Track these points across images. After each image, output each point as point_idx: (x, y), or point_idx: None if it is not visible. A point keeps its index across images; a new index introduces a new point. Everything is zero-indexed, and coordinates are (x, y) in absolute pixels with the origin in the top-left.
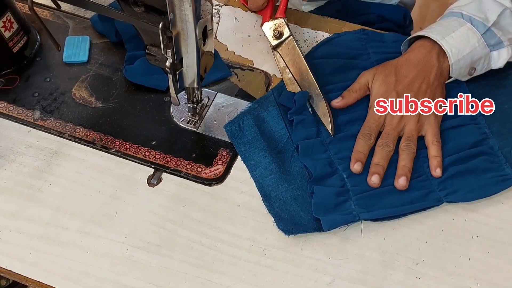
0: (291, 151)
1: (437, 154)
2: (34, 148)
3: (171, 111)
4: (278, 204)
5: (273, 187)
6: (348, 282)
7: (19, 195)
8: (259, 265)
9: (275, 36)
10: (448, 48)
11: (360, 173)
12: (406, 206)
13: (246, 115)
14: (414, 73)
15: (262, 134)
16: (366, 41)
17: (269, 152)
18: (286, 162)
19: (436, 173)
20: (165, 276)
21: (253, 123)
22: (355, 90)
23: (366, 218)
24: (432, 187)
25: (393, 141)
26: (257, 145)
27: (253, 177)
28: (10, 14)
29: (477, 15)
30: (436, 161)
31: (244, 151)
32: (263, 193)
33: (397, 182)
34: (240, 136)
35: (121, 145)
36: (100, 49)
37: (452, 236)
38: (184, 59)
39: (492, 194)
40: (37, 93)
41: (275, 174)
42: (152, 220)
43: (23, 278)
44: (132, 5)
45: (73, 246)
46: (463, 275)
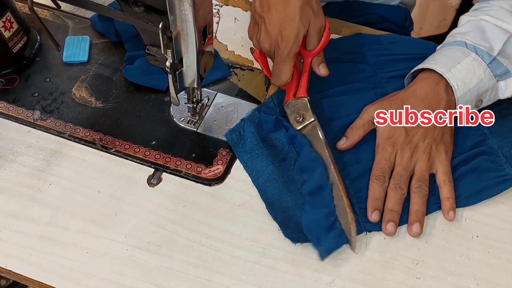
0: (293, 158)
1: (450, 195)
2: (34, 148)
3: (171, 111)
4: (282, 213)
5: (277, 196)
6: (348, 282)
7: (19, 195)
8: (259, 265)
9: (296, 120)
10: (454, 82)
11: (377, 221)
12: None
13: (246, 123)
14: (423, 107)
15: (263, 142)
16: (362, 44)
17: (272, 160)
18: (289, 170)
19: (449, 217)
20: (165, 276)
21: (254, 131)
22: (359, 127)
23: (371, 230)
24: (434, 192)
25: (406, 183)
26: (259, 153)
27: (256, 185)
28: (10, 14)
29: (481, 44)
30: (449, 204)
31: (246, 160)
32: (267, 202)
33: (411, 229)
34: (241, 145)
35: (121, 145)
36: (100, 49)
37: (452, 236)
38: (184, 59)
39: (493, 195)
40: (37, 93)
41: (278, 183)
42: (152, 220)
43: (23, 278)
44: (132, 5)
45: (73, 246)
46: (463, 275)
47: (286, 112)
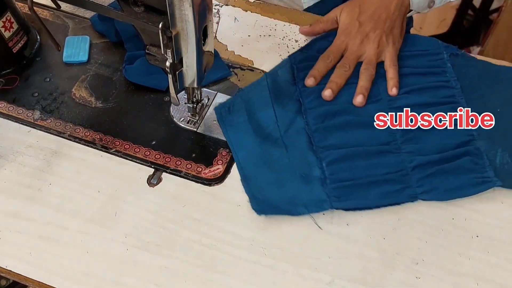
0: (275, 137)
1: (394, 76)
2: (34, 148)
3: (171, 111)
4: (255, 185)
5: (253, 170)
6: (348, 282)
7: (19, 195)
8: (259, 265)
9: None
10: None
11: (311, 86)
12: (380, 199)
13: (237, 99)
14: (376, 5)
15: (250, 118)
16: None
17: (255, 136)
18: (270, 147)
19: (392, 92)
20: (165, 275)
21: (243, 107)
22: (323, 21)
23: (338, 207)
24: (411, 183)
25: (351, 64)
26: (244, 129)
27: (235, 159)
28: (10, 14)
29: None
30: (392, 82)
31: (230, 134)
32: (242, 174)
33: (355, 100)
34: (228, 119)
35: (121, 145)
36: (100, 49)
37: (452, 236)
38: (184, 59)
39: (469, 195)
40: (37, 93)
41: (257, 158)
42: (152, 220)
43: (23, 278)
44: (132, 5)
45: (73, 246)
46: (463, 274)
47: None
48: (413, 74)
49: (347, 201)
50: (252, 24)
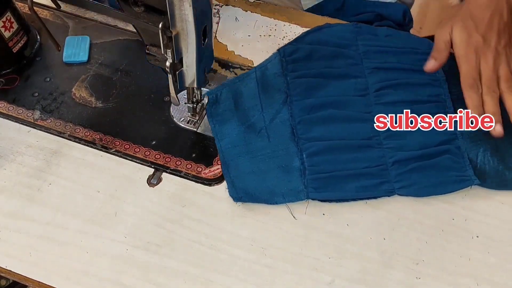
0: (259, 127)
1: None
2: (34, 148)
3: (171, 111)
4: (235, 173)
5: (234, 157)
6: (348, 282)
7: (18, 195)
8: (258, 265)
9: None
10: None
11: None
12: (357, 192)
13: (225, 87)
14: (490, 13)
15: (236, 107)
16: (357, 33)
17: (238, 125)
18: (253, 137)
19: None
20: (165, 275)
21: (230, 96)
22: (441, 49)
23: (315, 198)
24: (389, 178)
25: (497, 85)
26: (229, 117)
27: (218, 146)
28: (10, 14)
29: None
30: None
31: (215, 121)
32: (223, 161)
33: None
34: (214, 107)
35: (121, 145)
36: (100, 49)
37: (452, 236)
38: (184, 59)
39: (447, 193)
40: (37, 93)
41: (239, 146)
42: (152, 220)
43: (23, 278)
44: (132, 5)
45: (73, 246)
46: (463, 274)
47: None
48: (403, 69)
49: (323, 192)
50: (252, 24)
